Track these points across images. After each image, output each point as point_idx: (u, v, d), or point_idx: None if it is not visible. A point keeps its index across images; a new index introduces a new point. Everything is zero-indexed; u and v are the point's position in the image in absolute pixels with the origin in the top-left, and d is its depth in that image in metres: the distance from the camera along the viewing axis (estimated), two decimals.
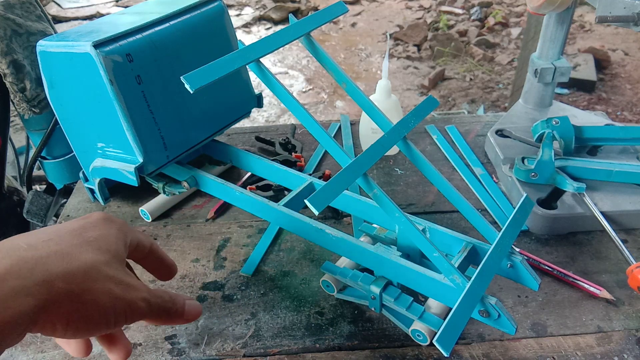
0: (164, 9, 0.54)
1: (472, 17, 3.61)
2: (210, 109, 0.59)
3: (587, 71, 2.78)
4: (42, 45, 0.51)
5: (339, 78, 0.48)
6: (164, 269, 0.42)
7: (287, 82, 3.06)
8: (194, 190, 0.67)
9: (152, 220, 0.63)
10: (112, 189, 0.65)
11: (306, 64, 3.26)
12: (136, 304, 0.33)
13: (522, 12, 3.63)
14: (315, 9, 3.95)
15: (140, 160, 0.52)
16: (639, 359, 0.44)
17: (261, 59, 0.44)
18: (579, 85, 2.73)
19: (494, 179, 0.67)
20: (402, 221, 0.41)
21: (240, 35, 3.65)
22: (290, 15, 0.50)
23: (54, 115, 0.61)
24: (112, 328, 0.32)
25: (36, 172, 0.84)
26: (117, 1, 4.26)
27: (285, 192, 0.62)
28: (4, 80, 0.66)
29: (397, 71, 3.09)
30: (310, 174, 0.63)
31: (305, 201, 0.36)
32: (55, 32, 0.69)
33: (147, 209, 0.63)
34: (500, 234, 0.42)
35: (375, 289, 0.46)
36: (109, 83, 0.48)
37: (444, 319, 0.40)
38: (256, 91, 0.66)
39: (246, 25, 3.86)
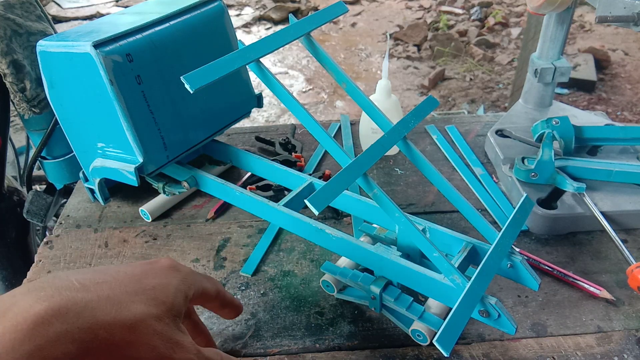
0: (164, 9, 0.54)
1: (472, 17, 3.61)
2: (210, 109, 0.59)
3: (587, 71, 2.78)
4: (42, 45, 0.51)
5: (339, 78, 0.48)
6: (229, 311, 0.42)
7: (287, 82, 3.06)
8: (194, 190, 0.67)
9: (152, 220, 0.63)
10: (112, 189, 0.65)
11: (306, 64, 3.26)
12: None
13: (522, 12, 3.63)
14: (315, 9, 3.95)
15: (140, 160, 0.52)
16: (639, 359, 0.44)
17: (261, 59, 0.44)
18: (579, 85, 2.73)
19: (494, 179, 0.67)
20: (402, 221, 0.41)
21: (240, 35, 3.65)
22: (290, 15, 0.50)
23: (54, 115, 0.61)
24: None
25: (36, 172, 0.84)
26: (117, 1, 4.26)
27: (285, 192, 0.62)
28: (4, 80, 0.66)
29: (397, 71, 3.09)
30: (310, 174, 0.63)
31: (305, 201, 0.36)
32: (55, 32, 0.69)
33: (147, 209, 0.63)
34: (500, 234, 0.42)
35: (375, 289, 0.46)
36: (109, 83, 0.48)
37: (444, 319, 0.40)
38: (256, 91, 0.66)
39: (246, 25, 3.86)
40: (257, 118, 2.62)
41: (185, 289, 0.33)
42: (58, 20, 3.97)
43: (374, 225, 0.51)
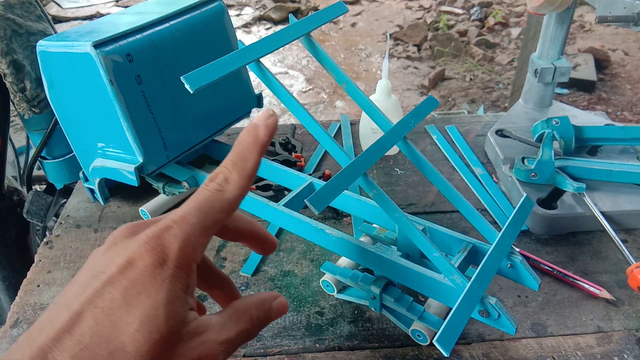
0: (164, 9, 0.54)
1: (472, 17, 3.61)
2: (210, 109, 0.59)
3: (587, 71, 2.78)
4: (42, 45, 0.51)
5: (339, 78, 0.48)
6: (259, 244, 0.36)
7: (287, 82, 3.06)
8: (194, 190, 0.67)
9: None
10: (112, 189, 0.65)
11: (306, 64, 3.26)
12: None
13: (522, 12, 3.63)
14: (315, 9, 3.95)
15: (140, 160, 0.52)
16: (639, 359, 0.44)
17: (261, 59, 0.44)
18: (579, 85, 2.73)
19: (494, 179, 0.67)
20: (402, 221, 0.41)
21: (240, 35, 3.65)
22: (290, 15, 0.50)
23: (54, 115, 0.61)
24: None
25: (36, 172, 0.84)
26: (117, 1, 4.26)
27: (285, 192, 0.62)
28: (4, 80, 0.66)
29: (397, 71, 3.09)
30: (310, 174, 0.63)
31: (306, 201, 0.36)
32: (55, 32, 0.69)
33: (147, 209, 0.63)
34: (500, 234, 0.42)
35: (375, 289, 0.46)
36: (109, 83, 0.48)
37: (444, 319, 0.40)
38: (256, 91, 0.66)
39: (246, 25, 3.86)
40: None
41: (183, 282, 0.27)
42: (58, 20, 3.97)
43: (374, 225, 0.51)
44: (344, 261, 0.51)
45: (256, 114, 0.35)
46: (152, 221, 0.29)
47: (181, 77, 0.39)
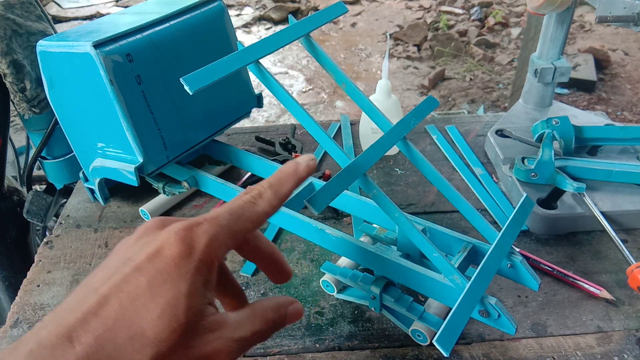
0: (164, 9, 0.54)
1: (472, 17, 3.61)
2: (210, 109, 0.59)
3: (587, 71, 2.78)
4: (42, 45, 0.51)
5: (339, 79, 0.48)
6: (276, 272, 0.36)
7: (287, 82, 3.06)
8: (194, 190, 0.67)
9: None
10: (112, 189, 0.65)
11: (306, 64, 3.26)
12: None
13: (522, 12, 3.63)
14: (315, 9, 3.95)
15: (140, 160, 0.52)
16: (639, 359, 0.44)
17: (260, 60, 0.44)
18: (579, 85, 2.73)
19: (494, 179, 0.67)
20: (401, 221, 0.41)
21: (240, 35, 3.65)
22: (290, 16, 0.50)
23: (54, 115, 0.61)
24: None
25: (36, 172, 0.84)
26: (117, 1, 4.26)
27: None
28: (4, 80, 0.66)
29: (397, 71, 3.09)
30: None
31: (305, 202, 0.36)
32: (55, 32, 0.69)
33: (147, 209, 0.63)
34: (500, 234, 0.42)
35: (375, 289, 0.46)
36: (109, 83, 0.48)
37: (444, 319, 0.40)
38: (256, 91, 0.66)
39: (246, 25, 3.86)
40: (257, 118, 2.62)
41: (205, 276, 0.27)
42: (58, 20, 3.97)
43: (374, 225, 0.51)
44: (344, 261, 0.51)
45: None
46: (184, 218, 0.31)
47: (180, 79, 0.39)
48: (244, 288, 0.53)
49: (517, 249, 0.54)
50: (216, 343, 0.27)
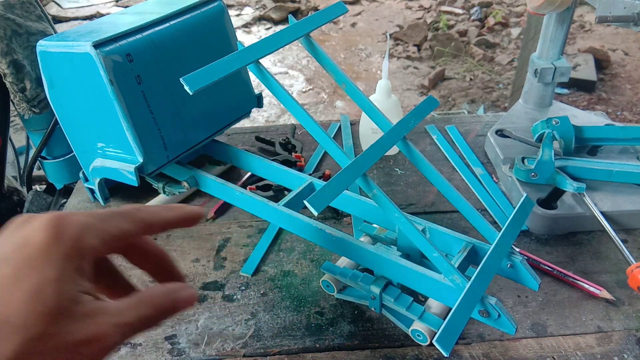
0: (164, 9, 0.54)
1: (472, 17, 3.61)
2: (210, 109, 0.59)
3: (587, 71, 2.78)
4: (42, 45, 0.51)
5: (339, 79, 0.48)
6: (162, 271, 0.36)
7: (287, 82, 3.06)
8: (194, 190, 0.67)
9: None
10: (112, 189, 0.65)
11: (306, 64, 3.26)
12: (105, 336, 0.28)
13: (522, 12, 3.63)
14: (315, 9, 3.95)
15: (140, 160, 0.52)
16: (639, 359, 0.44)
17: (261, 60, 0.44)
18: (579, 85, 2.73)
19: (494, 179, 0.67)
20: (401, 221, 0.41)
21: (240, 35, 3.65)
22: (290, 16, 0.50)
23: (54, 115, 0.61)
24: None
25: (36, 172, 0.84)
26: (117, 1, 4.26)
27: (285, 192, 0.62)
28: (4, 80, 0.66)
29: (397, 71, 3.09)
30: (310, 174, 0.63)
31: (305, 202, 0.36)
32: (55, 32, 0.69)
33: None
34: (500, 234, 0.42)
35: (375, 289, 0.46)
36: (109, 83, 0.48)
37: (444, 319, 0.40)
38: (256, 91, 0.66)
39: (246, 25, 3.85)
40: (257, 118, 2.62)
41: (76, 264, 0.27)
42: (58, 20, 3.97)
43: (374, 225, 0.51)
44: (344, 261, 0.51)
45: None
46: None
47: (180, 79, 0.39)
48: (244, 288, 0.53)
49: (517, 249, 0.54)
50: (93, 327, 0.27)
